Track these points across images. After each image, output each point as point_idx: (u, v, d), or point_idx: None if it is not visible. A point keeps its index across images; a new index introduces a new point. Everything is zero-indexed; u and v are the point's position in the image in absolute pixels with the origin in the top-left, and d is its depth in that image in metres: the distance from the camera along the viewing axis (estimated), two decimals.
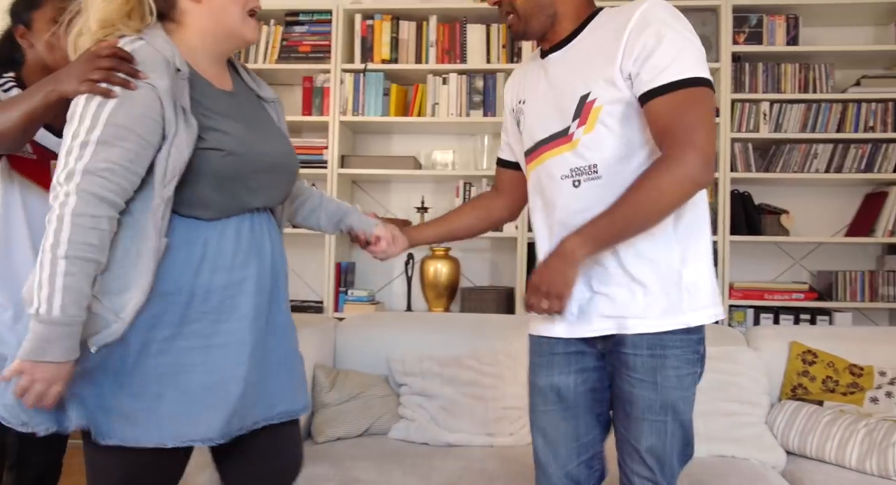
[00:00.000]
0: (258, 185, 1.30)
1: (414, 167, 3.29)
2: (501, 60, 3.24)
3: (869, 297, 3.14)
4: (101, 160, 1.14)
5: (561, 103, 1.39)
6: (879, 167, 3.11)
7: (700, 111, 1.25)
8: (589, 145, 1.35)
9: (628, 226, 1.26)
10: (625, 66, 1.30)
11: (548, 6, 1.40)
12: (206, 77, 1.30)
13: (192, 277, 1.21)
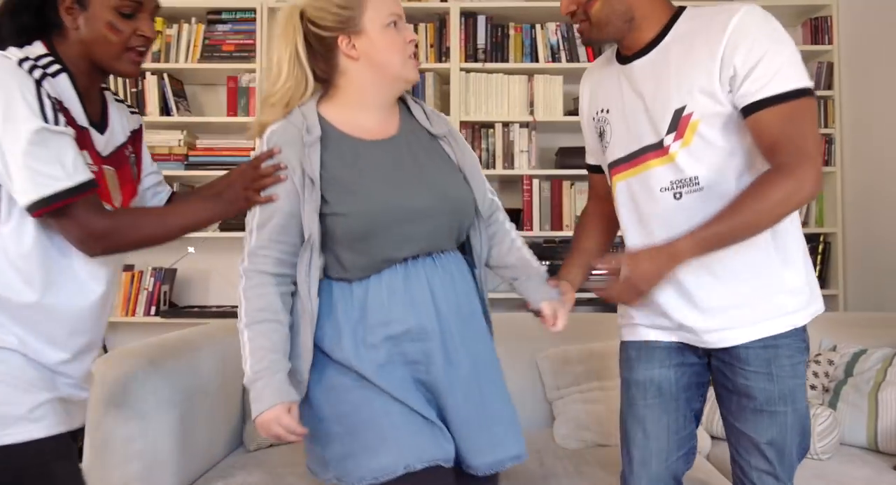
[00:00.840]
0: (401, 236, 1.31)
1: None
2: (430, 60, 3.25)
3: None
4: (258, 241, 1.30)
5: (652, 115, 1.36)
6: None
7: (808, 123, 1.25)
8: (687, 158, 1.33)
9: (739, 234, 1.26)
10: (724, 78, 1.27)
11: (625, 12, 1.35)
12: (357, 132, 1.36)
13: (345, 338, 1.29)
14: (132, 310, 3.18)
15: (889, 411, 2.04)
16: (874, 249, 3.03)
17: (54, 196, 1.15)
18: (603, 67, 1.51)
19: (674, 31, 1.36)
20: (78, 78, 1.27)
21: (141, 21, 1.27)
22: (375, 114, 1.39)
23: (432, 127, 1.44)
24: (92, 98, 1.30)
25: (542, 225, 3.23)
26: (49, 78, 1.19)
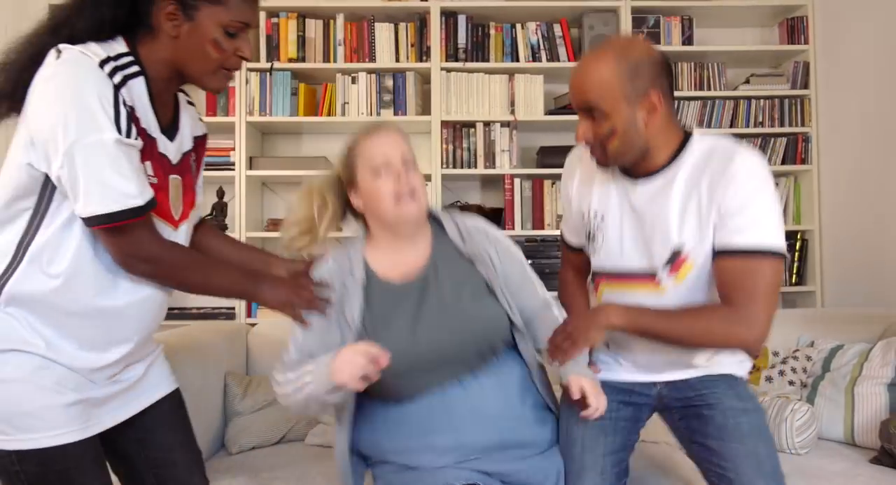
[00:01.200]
0: (419, 378, 1.42)
1: (325, 168, 3.23)
2: (410, 59, 3.24)
3: None
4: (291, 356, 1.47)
5: (650, 246, 1.43)
6: (769, 160, 3.30)
7: (771, 285, 1.32)
8: (675, 295, 1.42)
9: (666, 337, 1.36)
10: (713, 219, 1.36)
11: (641, 146, 1.40)
12: (391, 274, 1.48)
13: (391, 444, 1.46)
14: None
15: (865, 406, 2.07)
16: (851, 247, 3.07)
17: (120, 213, 1.11)
18: (595, 168, 1.51)
19: (681, 162, 1.41)
20: (155, 82, 1.21)
21: (242, 41, 1.24)
22: (404, 248, 1.50)
23: (465, 246, 1.52)
24: (165, 102, 1.26)
25: (523, 224, 3.24)
26: (128, 81, 1.14)
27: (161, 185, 1.23)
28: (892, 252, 2.78)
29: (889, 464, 1.88)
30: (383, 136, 1.48)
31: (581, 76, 1.39)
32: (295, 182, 3.37)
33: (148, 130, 1.19)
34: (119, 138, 1.10)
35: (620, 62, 1.35)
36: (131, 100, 1.15)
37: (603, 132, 1.38)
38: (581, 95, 1.39)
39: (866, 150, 2.95)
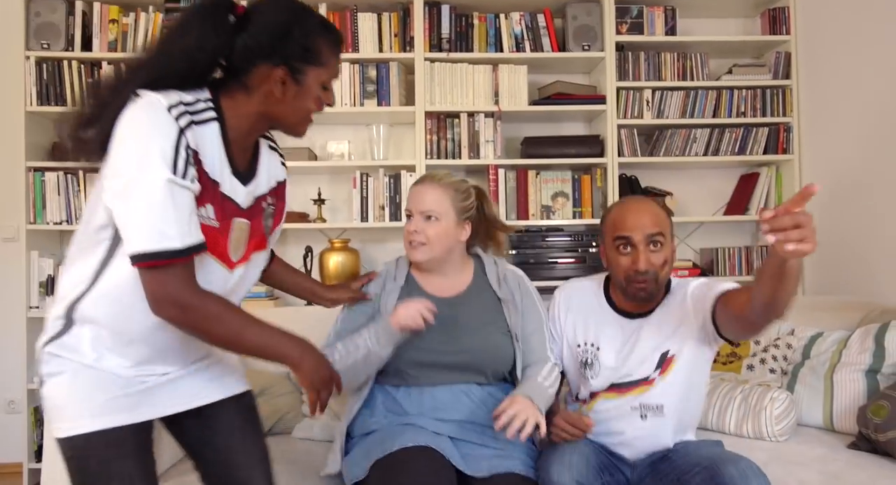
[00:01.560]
0: (424, 375, 1.72)
1: (309, 159, 3.23)
2: (394, 49, 3.23)
3: (746, 271, 3.37)
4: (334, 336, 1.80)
5: (643, 361, 1.72)
6: (751, 150, 3.32)
7: None
8: (662, 388, 1.70)
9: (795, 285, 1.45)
10: (697, 317, 1.67)
11: (665, 280, 1.73)
12: (430, 288, 1.81)
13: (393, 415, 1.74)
14: None
15: (843, 392, 2.10)
16: (832, 236, 3.11)
17: (159, 254, 1.12)
18: (589, 302, 1.83)
19: (666, 304, 1.75)
20: (235, 130, 1.26)
21: (330, 92, 1.34)
22: (438, 277, 1.83)
23: (499, 290, 1.82)
24: (244, 148, 1.31)
25: (508, 214, 3.24)
26: (194, 126, 1.18)
27: (222, 227, 1.26)
28: (871, 241, 2.82)
29: (867, 449, 1.91)
30: (419, 186, 1.80)
31: (646, 211, 1.69)
32: None
33: (211, 173, 1.22)
34: (172, 178, 1.12)
35: (663, 207, 1.74)
36: (196, 144, 1.18)
37: (660, 261, 1.67)
38: (652, 224, 1.67)
39: (847, 140, 2.98)
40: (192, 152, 1.17)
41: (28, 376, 3.07)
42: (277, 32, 1.24)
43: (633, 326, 1.76)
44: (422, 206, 1.76)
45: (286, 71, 1.24)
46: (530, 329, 1.81)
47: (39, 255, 3.12)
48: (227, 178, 1.27)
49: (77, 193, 3.12)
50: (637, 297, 1.70)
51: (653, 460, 1.72)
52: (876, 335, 2.13)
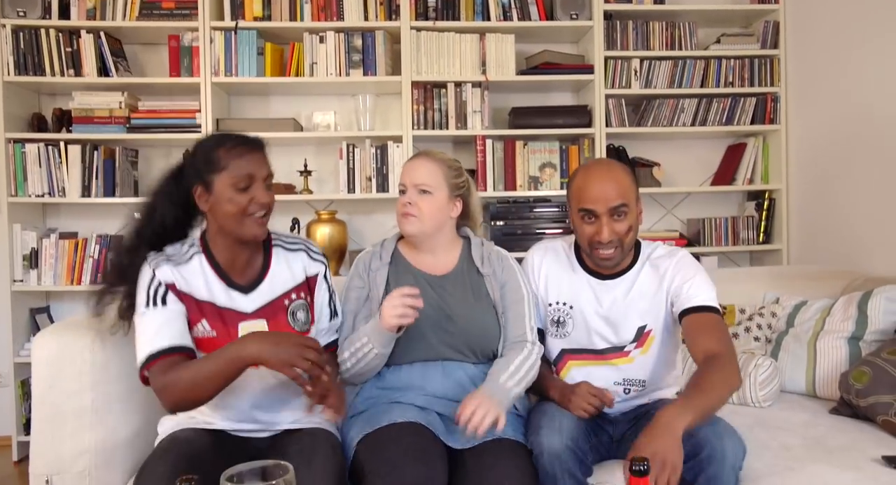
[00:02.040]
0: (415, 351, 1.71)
1: (294, 129, 3.20)
2: (380, 18, 3.18)
3: (731, 241, 3.39)
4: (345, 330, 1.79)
5: (617, 329, 1.75)
6: (738, 120, 3.32)
7: (729, 334, 1.67)
8: (642, 364, 1.75)
9: (715, 406, 1.50)
10: (668, 297, 1.72)
11: (630, 244, 1.72)
12: (420, 265, 1.81)
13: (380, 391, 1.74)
14: (77, 279, 3.09)
15: (826, 359, 2.13)
16: (816, 205, 3.13)
17: (141, 364, 1.48)
18: (561, 262, 1.84)
19: (640, 264, 1.77)
20: (221, 253, 1.58)
21: (256, 190, 1.52)
22: (427, 255, 1.83)
23: (482, 266, 1.82)
24: (239, 265, 1.60)
25: (495, 185, 3.23)
26: (170, 266, 1.53)
27: (222, 334, 1.54)
28: (855, 211, 2.84)
29: (848, 414, 1.95)
30: (413, 161, 1.82)
31: (609, 180, 1.67)
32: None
33: (199, 297, 1.55)
34: (145, 311, 1.50)
35: (627, 171, 1.72)
36: (174, 278, 1.53)
37: (624, 229, 1.67)
38: (615, 196, 1.65)
39: (834, 110, 2.98)
40: (168, 284, 1.52)
41: (14, 350, 3.05)
42: (190, 162, 1.56)
43: (605, 287, 1.77)
44: (416, 179, 1.77)
45: (202, 187, 1.53)
46: (508, 301, 1.80)
47: (22, 228, 3.08)
48: (223, 292, 1.57)
49: (59, 165, 3.07)
50: (602, 264, 1.72)
51: (635, 415, 1.75)
52: (859, 303, 2.16)
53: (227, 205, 1.51)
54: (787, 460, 1.64)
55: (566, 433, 1.56)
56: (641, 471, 1.01)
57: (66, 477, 1.63)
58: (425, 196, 1.76)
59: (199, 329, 1.54)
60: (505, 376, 1.65)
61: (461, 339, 1.74)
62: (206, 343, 1.54)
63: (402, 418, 1.58)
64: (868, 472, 1.54)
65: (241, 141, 1.55)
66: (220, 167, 1.51)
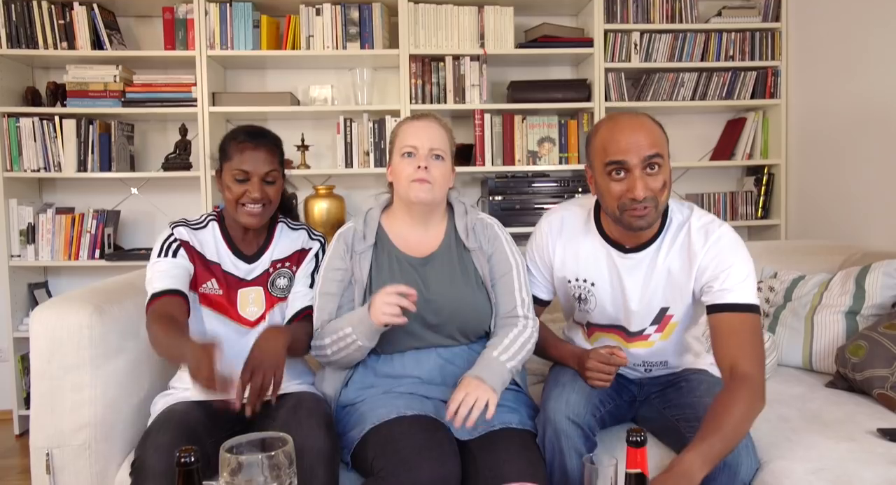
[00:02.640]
0: (405, 339, 1.65)
1: (291, 103, 3.17)
2: None
3: (730, 216, 3.39)
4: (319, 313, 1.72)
5: (639, 308, 1.64)
6: (739, 94, 3.30)
7: (761, 338, 1.51)
8: (662, 348, 1.69)
9: (732, 445, 1.38)
10: (697, 285, 1.57)
11: (665, 204, 1.54)
12: (403, 246, 1.73)
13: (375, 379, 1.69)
14: (75, 254, 3.08)
15: (823, 333, 2.14)
16: (815, 181, 3.12)
17: (146, 303, 1.64)
18: (579, 231, 1.69)
19: (665, 235, 1.60)
20: (232, 226, 1.76)
21: (250, 185, 1.67)
22: (417, 227, 1.74)
23: (467, 240, 1.74)
24: (247, 238, 1.77)
25: (494, 160, 3.22)
26: (187, 228, 1.73)
27: (226, 295, 1.73)
28: (855, 186, 2.83)
29: (844, 387, 1.96)
30: (423, 122, 1.70)
31: (640, 127, 1.48)
32: (260, 118, 3.29)
33: (209, 257, 1.73)
34: (157, 260, 1.68)
35: (657, 122, 1.53)
36: (189, 237, 1.72)
37: (659, 185, 1.48)
38: (648, 145, 1.46)
39: (835, 84, 2.96)
40: (183, 242, 1.70)
41: (13, 325, 3.05)
42: (219, 150, 1.75)
43: (627, 261, 1.62)
44: (432, 142, 1.67)
45: (217, 170, 1.75)
46: (497, 274, 1.72)
47: (18, 203, 3.07)
48: (230, 258, 1.74)
49: (54, 140, 3.05)
50: (633, 226, 1.51)
51: (663, 381, 1.73)
52: (857, 278, 2.16)
53: (226, 192, 1.70)
54: (784, 431, 1.65)
55: (573, 409, 1.54)
56: (638, 442, 1.01)
57: (67, 450, 1.64)
58: (439, 162, 1.67)
59: (208, 286, 1.72)
60: (498, 351, 1.61)
61: (451, 325, 1.67)
62: (213, 299, 1.72)
63: (410, 411, 1.53)
64: (863, 444, 1.56)
65: (250, 137, 1.70)
66: (227, 157, 1.70)
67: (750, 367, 1.45)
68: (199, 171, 3.09)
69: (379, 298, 1.52)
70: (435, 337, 1.68)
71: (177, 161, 3.15)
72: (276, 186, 1.71)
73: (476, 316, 1.70)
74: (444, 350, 1.69)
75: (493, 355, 1.59)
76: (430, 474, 1.38)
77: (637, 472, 1.02)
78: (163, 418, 1.51)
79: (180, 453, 0.95)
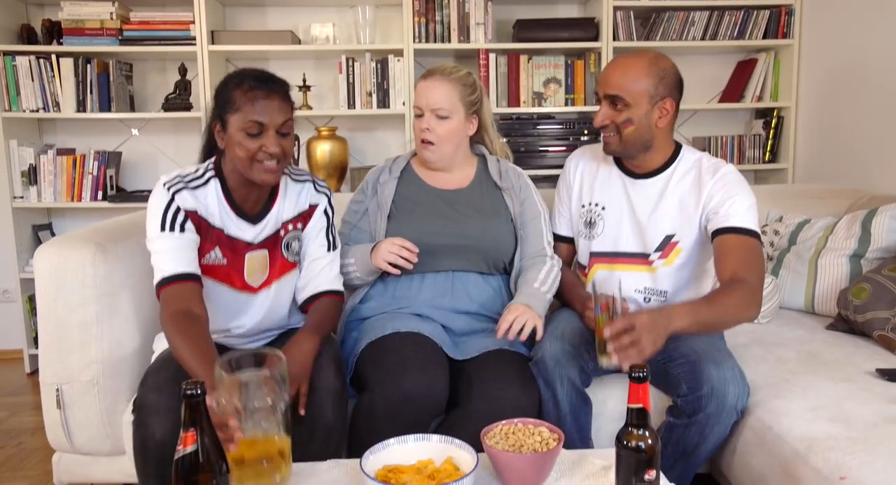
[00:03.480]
0: (430, 258, 1.71)
1: (292, 42, 3.10)
2: None
3: (737, 160, 3.35)
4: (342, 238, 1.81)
5: (644, 232, 1.72)
6: (751, 34, 3.21)
7: (762, 260, 1.60)
8: (665, 274, 1.72)
9: (715, 323, 1.52)
10: (704, 213, 1.65)
11: (647, 141, 1.66)
12: (431, 181, 1.83)
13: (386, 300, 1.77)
14: (78, 195, 3.07)
15: (826, 275, 2.14)
16: (825, 124, 3.07)
17: (156, 285, 1.48)
18: (598, 163, 1.82)
19: (676, 167, 1.71)
20: (233, 183, 1.56)
21: (266, 138, 1.47)
22: (441, 172, 1.84)
23: (500, 181, 1.83)
24: (249, 197, 1.58)
25: (498, 101, 3.17)
26: (189, 191, 1.51)
27: (232, 263, 1.57)
28: (865, 129, 2.78)
29: (844, 329, 1.97)
30: (428, 82, 1.76)
31: (617, 69, 1.63)
32: (261, 57, 3.23)
33: (212, 222, 1.54)
34: (161, 235, 1.49)
35: (652, 66, 1.62)
36: (194, 203, 1.52)
37: (620, 119, 1.62)
38: (612, 85, 1.62)
39: (850, 25, 2.87)
40: (189, 212, 1.51)
41: (20, 266, 3.07)
42: (215, 95, 1.53)
43: (637, 186, 1.73)
44: (433, 103, 1.73)
45: (219, 123, 1.51)
46: (528, 217, 1.83)
47: (18, 143, 3.04)
48: (233, 221, 1.57)
49: (51, 79, 3.00)
50: (605, 148, 1.70)
51: None
52: (863, 221, 2.14)
53: (237, 148, 1.48)
54: (782, 372, 1.67)
55: (567, 340, 1.58)
56: (640, 378, 1.02)
57: (76, 386, 1.67)
58: (443, 121, 1.75)
59: (211, 256, 1.56)
60: (538, 283, 1.71)
61: (474, 249, 1.75)
62: (216, 270, 1.56)
63: (404, 328, 1.60)
64: (861, 383, 1.57)
65: (261, 83, 1.48)
66: (235, 108, 1.47)
67: (748, 275, 1.53)
68: (200, 111, 3.05)
69: (384, 245, 1.66)
70: (456, 260, 1.75)
71: (177, 101, 3.11)
72: (290, 137, 1.54)
73: (500, 247, 1.79)
74: (461, 275, 1.76)
75: (535, 286, 1.70)
76: (415, 384, 1.46)
77: (639, 407, 1.03)
78: (163, 358, 1.52)
79: (186, 385, 0.96)
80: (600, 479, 1.22)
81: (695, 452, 1.55)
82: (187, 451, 0.95)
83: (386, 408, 1.46)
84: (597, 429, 1.65)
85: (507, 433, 1.25)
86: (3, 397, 2.85)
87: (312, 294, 1.66)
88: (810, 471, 1.30)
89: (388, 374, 1.49)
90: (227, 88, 1.49)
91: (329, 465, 1.29)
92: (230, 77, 1.52)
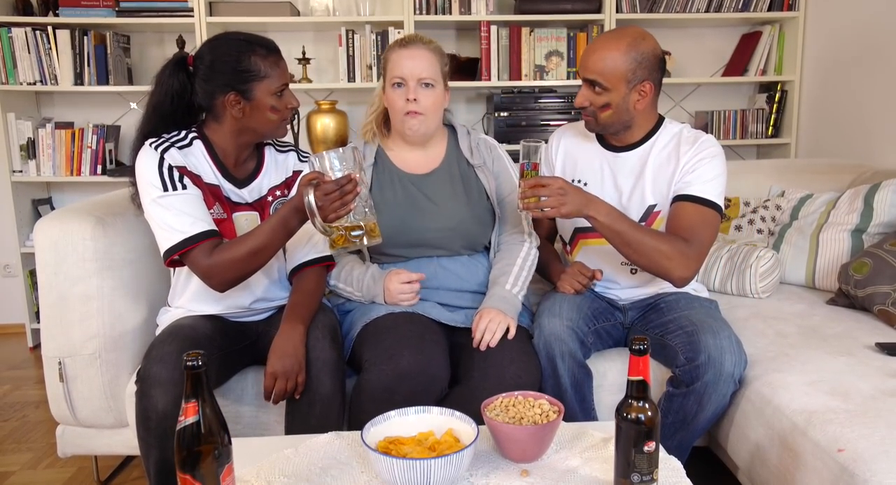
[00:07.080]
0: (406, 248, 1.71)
1: (291, 14, 3.06)
2: None
3: (739, 134, 3.33)
4: None
5: (628, 204, 1.73)
6: (756, 6, 3.17)
7: (712, 232, 1.63)
8: None
9: (630, 244, 1.55)
10: (676, 179, 1.68)
11: (627, 120, 1.68)
12: (403, 165, 1.75)
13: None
14: (77, 169, 3.06)
15: (827, 250, 2.13)
16: (829, 98, 3.04)
17: (173, 247, 1.46)
18: (579, 138, 1.83)
19: (656, 140, 1.73)
20: (224, 149, 1.59)
21: (287, 96, 1.57)
22: (416, 150, 1.77)
23: (471, 157, 1.79)
24: (240, 160, 1.63)
25: (500, 74, 3.13)
26: (175, 149, 1.52)
27: (229, 217, 1.59)
28: (869, 103, 2.76)
29: (844, 304, 1.97)
30: (410, 50, 1.67)
31: (594, 54, 1.63)
32: (260, 29, 3.18)
33: (207, 180, 1.56)
34: (164, 194, 1.47)
35: (631, 50, 1.61)
36: (184, 161, 1.52)
37: (599, 103, 1.64)
38: (591, 70, 1.62)
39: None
40: (180, 168, 1.50)
41: (20, 241, 3.07)
42: (217, 68, 1.52)
43: (618, 160, 1.75)
44: (419, 72, 1.65)
45: (236, 94, 1.52)
46: (504, 193, 1.80)
47: (16, 117, 3.02)
48: (225, 183, 1.59)
49: (48, 51, 2.97)
50: (586, 126, 1.72)
51: (644, 305, 1.78)
52: (866, 196, 2.13)
53: (269, 112, 1.54)
54: (782, 346, 1.67)
55: (566, 316, 1.60)
56: (641, 350, 1.02)
57: (78, 359, 1.68)
58: (429, 91, 1.67)
59: (213, 212, 1.55)
60: (510, 283, 1.67)
61: (451, 235, 1.72)
62: (218, 224, 1.55)
63: (399, 309, 1.61)
64: (861, 357, 1.58)
65: (271, 47, 1.56)
66: (262, 75, 1.51)
67: (691, 238, 1.58)
68: None
69: (392, 287, 1.64)
70: (437, 249, 1.73)
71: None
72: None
73: (478, 228, 1.75)
74: (445, 259, 1.74)
75: (507, 288, 1.66)
76: (411, 362, 1.46)
77: (639, 379, 1.03)
78: (169, 331, 1.52)
79: (187, 357, 0.96)
80: (600, 451, 1.23)
81: (693, 421, 1.56)
82: (189, 422, 0.96)
83: (384, 387, 1.46)
84: (597, 401, 1.66)
85: (508, 406, 1.26)
86: (7, 371, 2.87)
87: (298, 264, 1.67)
88: (809, 443, 1.31)
89: (384, 353, 1.48)
90: (239, 57, 1.51)
91: (330, 437, 1.30)
92: (229, 46, 1.53)
